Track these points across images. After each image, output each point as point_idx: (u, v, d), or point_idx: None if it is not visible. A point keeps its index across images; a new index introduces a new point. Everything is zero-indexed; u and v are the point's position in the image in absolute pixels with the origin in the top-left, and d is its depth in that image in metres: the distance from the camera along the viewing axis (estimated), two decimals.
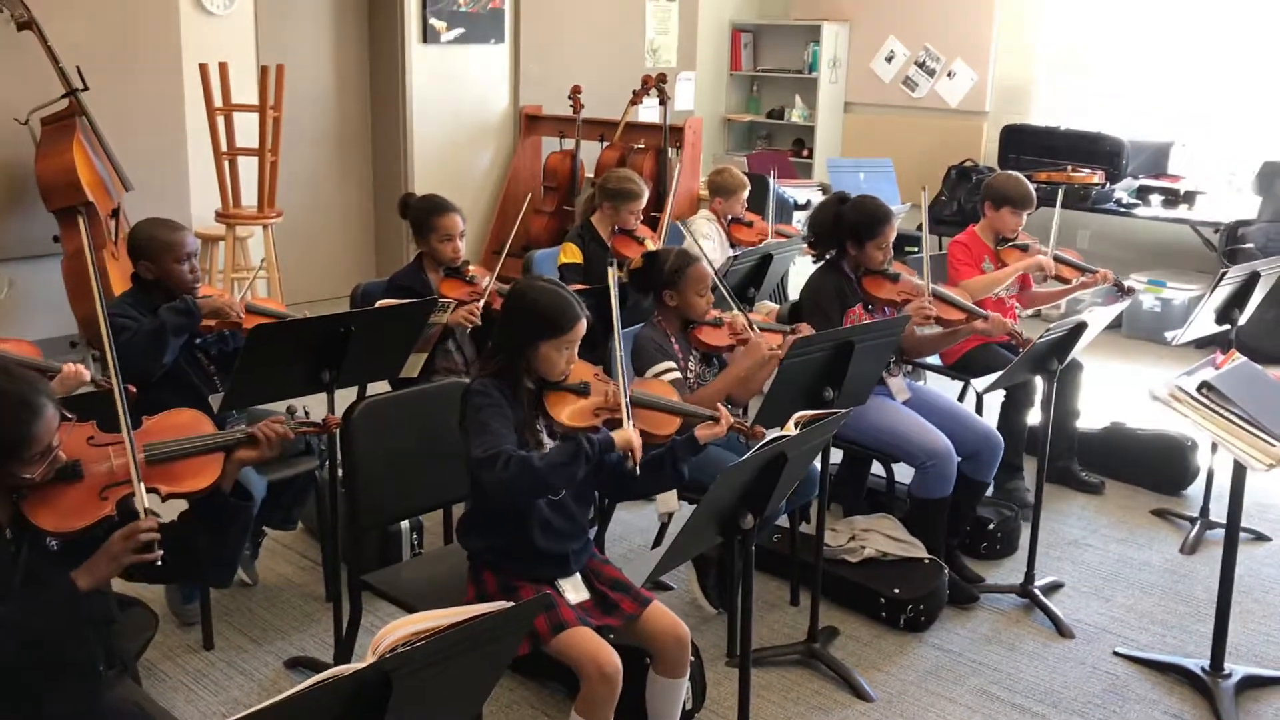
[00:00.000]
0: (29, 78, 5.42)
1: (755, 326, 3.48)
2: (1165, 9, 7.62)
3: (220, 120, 5.96)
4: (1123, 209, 7.39)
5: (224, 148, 6.01)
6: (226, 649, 3.41)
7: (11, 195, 5.64)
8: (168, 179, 6.20)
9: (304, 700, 1.41)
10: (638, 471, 2.51)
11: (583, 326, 2.60)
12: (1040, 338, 3.43)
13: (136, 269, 3.30)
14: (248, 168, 6.11)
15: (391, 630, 1.57)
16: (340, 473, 2.95)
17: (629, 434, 2.51)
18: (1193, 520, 4.34)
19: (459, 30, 7.49)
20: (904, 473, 3.91)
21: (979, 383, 3.66)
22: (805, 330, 3.42)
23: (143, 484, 2.07)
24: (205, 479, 2.19)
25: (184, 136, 6.26)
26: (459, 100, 7.63)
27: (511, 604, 1.66)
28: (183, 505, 2.25)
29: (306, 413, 2.49)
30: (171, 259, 3.26)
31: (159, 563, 2.02)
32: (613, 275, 2.76)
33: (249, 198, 6.17)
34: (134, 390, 2.73)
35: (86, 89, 5.45)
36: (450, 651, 1.58)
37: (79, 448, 2.12)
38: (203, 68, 5.85)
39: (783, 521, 3.85)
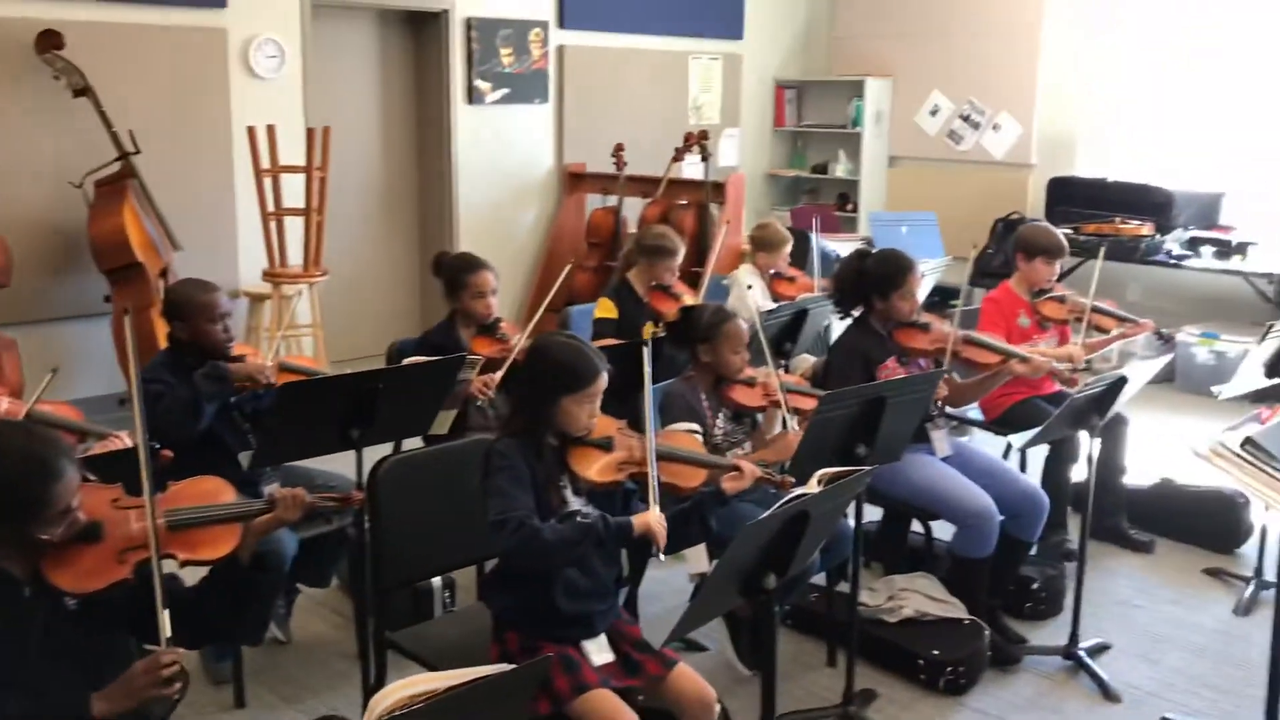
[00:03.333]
0: (84, 142, 5.59)
1: (786, 390, 3.44)
2: (1212, 58, 7.54)
3: (268, 181, 6.08)
4: (1173, 261, 7.27)
5: (271, 208, 6.13)
6: (257, 707, 3.41)
7: (66, 256, 5.79)
8: (217, 239, 6.33)
9: None
10: (663, 558, 2.48)
11: (603, 380, 2.58)
12: (1078, 392, 3.37)
13: (171, 329, 3.35)
14: (295, 228, 6.22)
15: (391, 693, 1.56)
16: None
17: (650, 520, 2.47)
18: (1246, 580, 4.21)
19: (504, 91, 7.61)
20: (944, 530, 3.83)
21: (1017, 439, 3.59)
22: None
23: (159, 551, 2.08)
24: (223, 547, 2.20)
25: (233, 197, 6.40)
26: (503, 159, 7.73)
27: (512, 668, 1.64)
28: (201, 571, 2.26)
29: (330, 486, 2.50)
30: (205, 319, 3.30)
31: (177, 697, 2.02)
32: (647, 331, 2.76)
33: (295, 257, 6.27)
34: (170, 455, 2.76)
35: (139, 152, 5.60)
36: (447, 715, 1.55)
37: (102, 509, 2.14)
38: (250, 130, 5.98)
39: (819, 580, 3.79)
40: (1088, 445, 3.65)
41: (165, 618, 2.01)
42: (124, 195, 5.56)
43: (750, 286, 5.35)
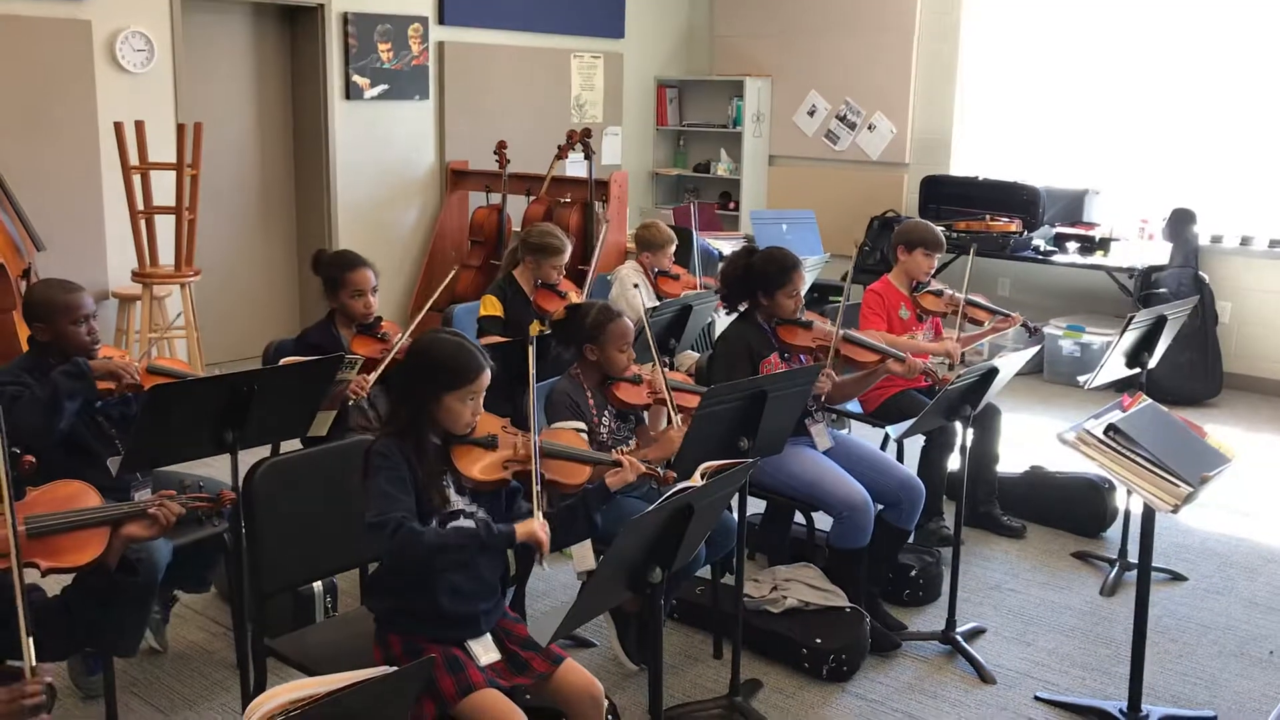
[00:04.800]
0: None
1: (671, 388, 3.46)
2: (1078, 62, 7.83)
3: (137, 179, 5.88)
4: (1040, 256, 7.53)
5: (141, 206, 5.93)
6: None
7: None
8: (83, 238, 6.11)
9: None
10: (546, 567, 2.48)
11: (487, 376, 2.56)
12: (951, 384, 3.46)
13: (32, 332, 3.21)
14: (166, 227, 6.03)
15: (268, 699, 1.52)
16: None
17: (533, 527, 2.47)
18: (1112, 562, 4.38)
19: (382, 87, 7.49)
20: (825, 521, 3.90)
21: (894, 429, 3.67)
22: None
23: (21, 559, 1.99)
24: (88, 554, 2.12)
25: (100, 195, 6.18)
26: (384, 156, 7.61)
27: (395, 669, 1.61)
28: (66, 579, 2.17)
29: (200, 486, 2.42)
30: (67, 321, 3.18)
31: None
32: (534, 329, 2.75)
33: (167, 257, 6.08)
34: (33, 460, 2.64)
35: None
36: None
37: None
38: (118, 126, 5.77)
39: (705, 573, 3.83)
40: (962, 435, 3.76)
41: (30, 645, 1.90)
42: None
43: (637, 285, 5.37)
